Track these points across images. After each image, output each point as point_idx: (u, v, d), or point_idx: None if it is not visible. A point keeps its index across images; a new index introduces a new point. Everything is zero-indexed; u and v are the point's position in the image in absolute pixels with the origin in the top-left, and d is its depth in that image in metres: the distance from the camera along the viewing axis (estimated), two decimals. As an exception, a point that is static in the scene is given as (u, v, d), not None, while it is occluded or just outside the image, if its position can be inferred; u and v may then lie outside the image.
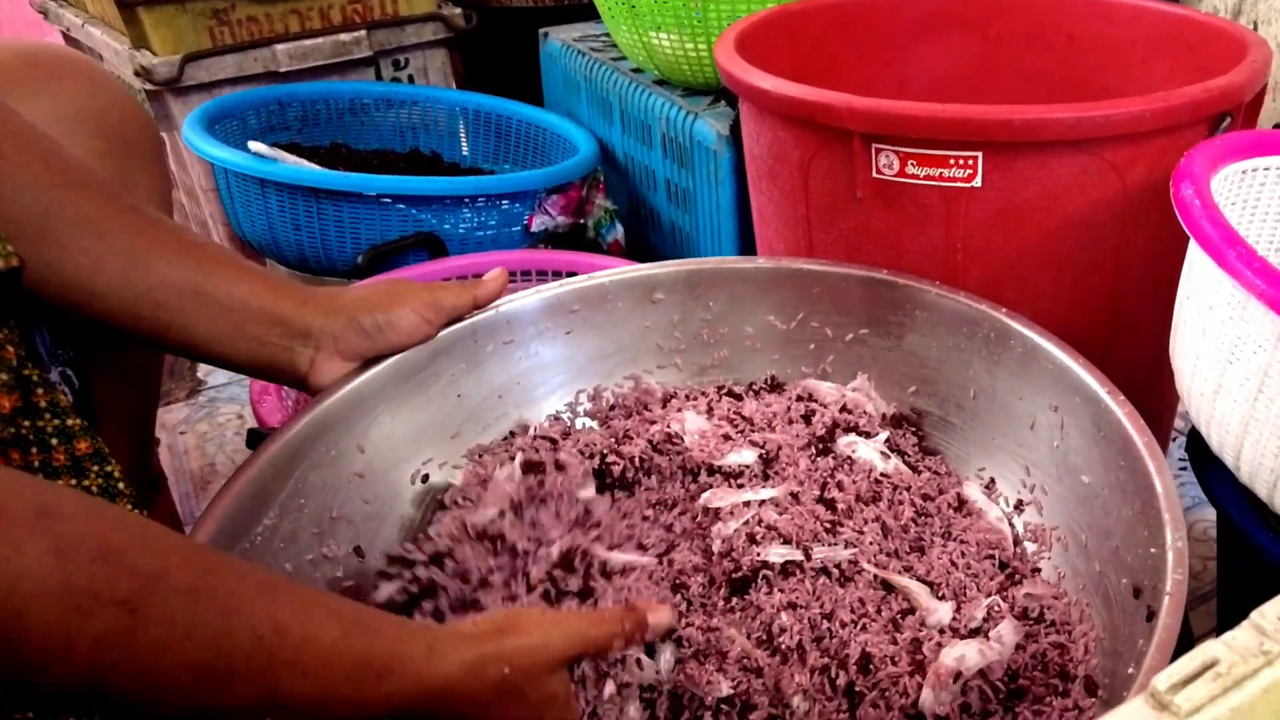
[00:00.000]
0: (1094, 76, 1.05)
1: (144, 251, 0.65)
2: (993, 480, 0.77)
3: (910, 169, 0.79)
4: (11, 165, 0.60)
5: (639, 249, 1.50)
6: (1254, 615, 0.38)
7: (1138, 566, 0.59)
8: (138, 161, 0.79)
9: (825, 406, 0.80)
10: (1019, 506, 0.75)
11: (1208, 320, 0.64)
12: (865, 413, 0.80)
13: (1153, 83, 0.98)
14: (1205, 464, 0.73)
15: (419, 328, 0.74)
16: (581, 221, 1.42)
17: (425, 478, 0.77)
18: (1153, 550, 0.57)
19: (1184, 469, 1.12)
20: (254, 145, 1.34)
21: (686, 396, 0.84)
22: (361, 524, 0.72)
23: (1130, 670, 0.53)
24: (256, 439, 0.89)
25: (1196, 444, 0.74)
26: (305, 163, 1.40)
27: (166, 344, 0.68)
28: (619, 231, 1.45)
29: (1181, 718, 0.35)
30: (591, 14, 1.65)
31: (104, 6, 1.60)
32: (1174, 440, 1.16)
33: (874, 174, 0.81)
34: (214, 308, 0.67)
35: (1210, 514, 1.06)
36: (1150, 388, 0.86)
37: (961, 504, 0.75)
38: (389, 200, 1.30)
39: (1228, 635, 0.38)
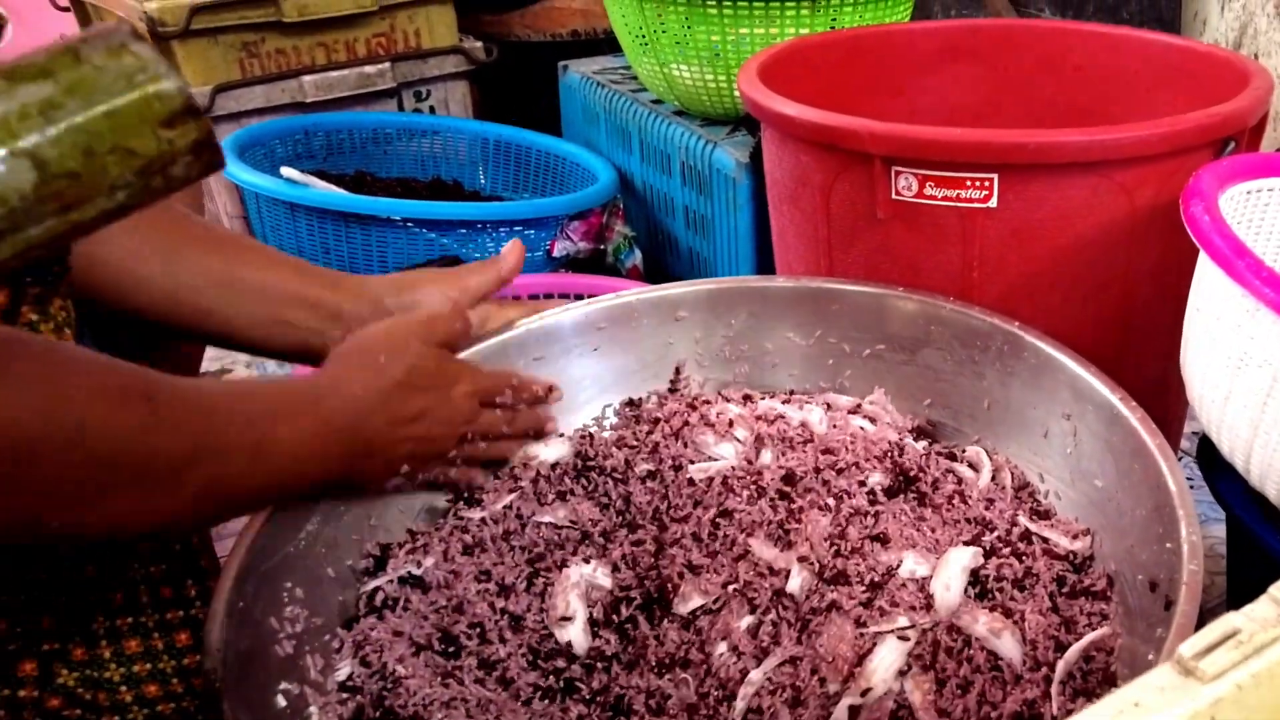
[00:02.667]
0: (1101, 106, 1.07)
1: (180, 244, 0.68)
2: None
3: (929, 190, 0.82)
4: None
5: (657, 274, 1.53)
6: (1272, 589, 0.41)
7: (1153, 562, 0.61)
8: None
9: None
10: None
11: (1217, 330, 0.67)
12: (883, 425, 0.83)
13: (1158, 111, 1.00)
14: (1215, 470, 0.75)
15: (446, 306, 0.76)
16: (601, 247, 1.46)
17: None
18: (1168, 546, 0.59)
19: (1190, 488, 1.14)
20: (286, 171, 1.37)
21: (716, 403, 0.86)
22: (398, 532, 0.74)
23: (1150, 657, 0.55)
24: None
25: (1206, 451, 0.77)
26: (335, 188, 1.44)
27: (206, 332, 0.71)
28: (638, 257, 1.49)
29: (1205, 682, 0.37)
30: (608, 48, 1.69)
31: (135, 39, 1.65)
32: (1179, 460, 1.18)
33: (893, 195, 0.84)
34: (248, 294, 0.69)
35: (1217, 530, 1.08)
36: (1158, 400, 0.88)
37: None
38: (415, 225, 1.34)
39: (1247, 607, 0.40)
